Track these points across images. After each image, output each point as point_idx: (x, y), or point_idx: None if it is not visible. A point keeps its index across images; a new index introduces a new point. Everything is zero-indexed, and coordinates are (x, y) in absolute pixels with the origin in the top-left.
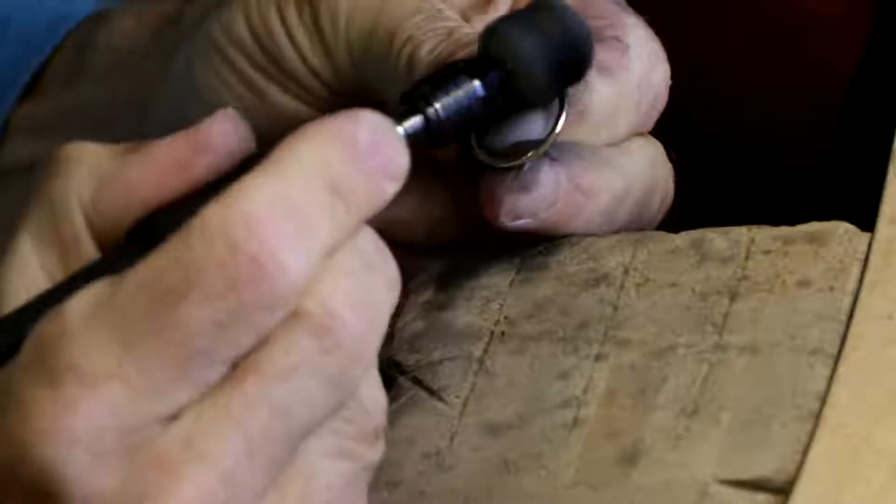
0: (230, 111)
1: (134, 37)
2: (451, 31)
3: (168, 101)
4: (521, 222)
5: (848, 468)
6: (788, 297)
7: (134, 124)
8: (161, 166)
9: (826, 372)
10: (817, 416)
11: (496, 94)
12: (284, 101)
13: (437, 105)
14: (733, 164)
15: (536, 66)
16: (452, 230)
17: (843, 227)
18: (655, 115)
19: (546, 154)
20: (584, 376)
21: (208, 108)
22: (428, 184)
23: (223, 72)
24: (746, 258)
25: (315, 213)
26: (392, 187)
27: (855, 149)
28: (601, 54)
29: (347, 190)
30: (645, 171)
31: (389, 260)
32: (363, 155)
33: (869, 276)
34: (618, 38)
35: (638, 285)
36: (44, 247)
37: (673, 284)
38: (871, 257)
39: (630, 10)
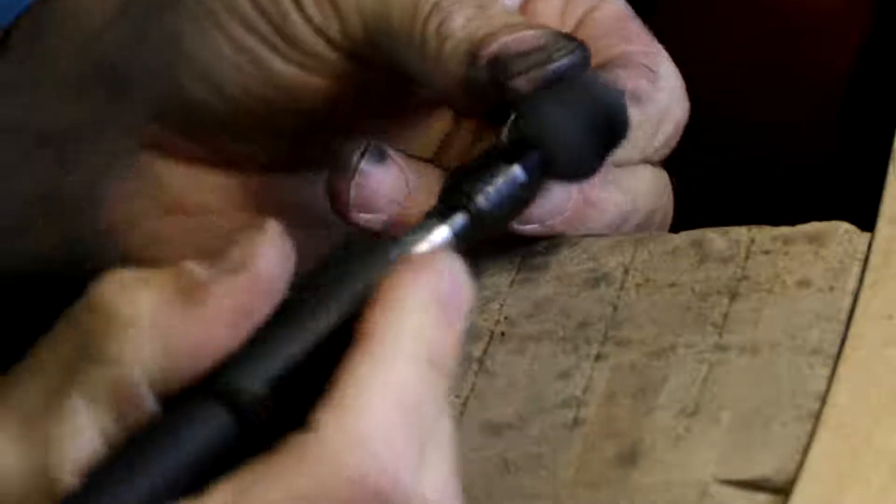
0: (274, 232)
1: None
2: (482, 5)
3: (149, 68)
4: (528, 227)
5: (848, 468)
6: (788, 297)
7: (108, 88)
8: (226, 319)
9: (826, 372)
10: (817, 416)
11: (537, 177)
12: (287, 70)
13: (481, 198)
14: (733, 164)
15: (576, 146)
16: None
17: (843, 227)
18: (667, 151)
19: None
20: (584, 376)
21: (200, 78)
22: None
23: (219, 41)
24: (746, 258)
25: (428, 408)
26: (463, 325)
27: (855, 149)
28: (633, 80)
29: (441, 357)
30: (649, 196)
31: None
32: (449, 313)
33: (869, 276)
34: (649, 67)
35: (638, 285)
36: (101, 409)
37: (673, 284)
38: (871, 257)
39: (656, 41)
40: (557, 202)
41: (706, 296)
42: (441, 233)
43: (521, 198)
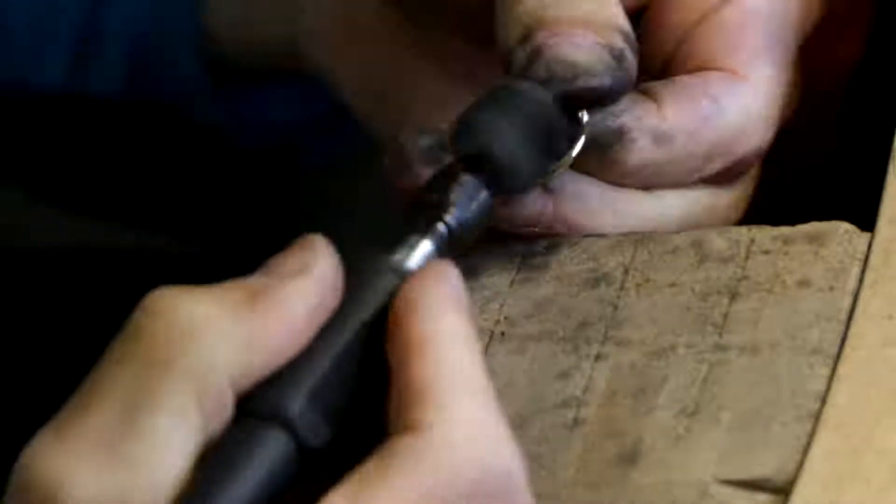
0: (324, 241)
1: None
2: None
3: None
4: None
5: (848, 468)
6: (788, 297)
7: None
8: (296, 323)
9: (826, 372)
10: (817, 416)
11: (494, 187)
12: None
13: (452, 211)
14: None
15: (513, 158)
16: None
17: (843, 227)
18: (736, 174)
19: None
20: (584, 376)
21: None
22: None
23: None
24: (746, 258)
25: (489, 386)
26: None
27: (855, 149)
28: (677, 116)
29: (475, 342)
30: (663, 220)
31: None
32: (466, 309)
33: (869, 276)
34: (714, 98)
35: (638, 285)
36: (187, 422)
37: (673, 284)
38: (871, 257)
39: (777, 52)
40: (528, 214)
41: (706, 296)
42: (425, 247)
43: (487, 206)
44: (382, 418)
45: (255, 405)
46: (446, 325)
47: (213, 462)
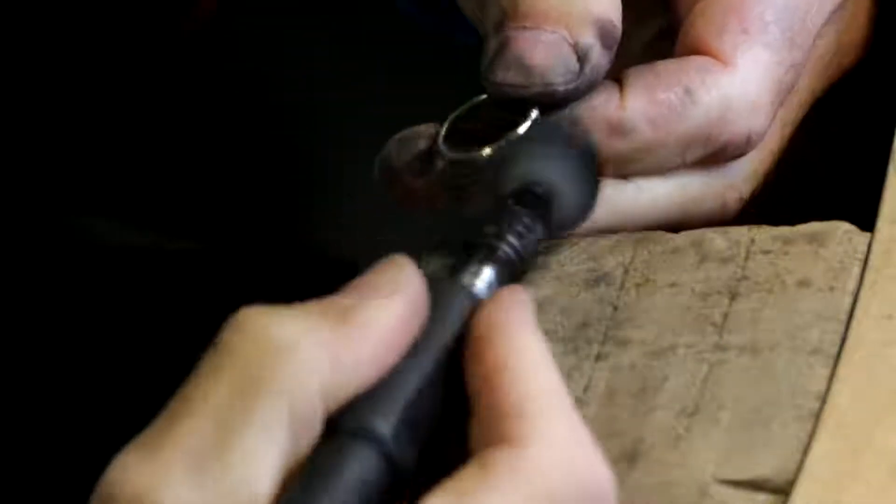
0: (411, 263)
1: None
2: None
3: None
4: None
5: (848, 468)
6: (788, 297)
7: None
8: (387, 341)
9: (826, 372)
10: (817, 416)
11: (548, 220)
12: None
13: (508, 247)
14: None
15: (575, 190)
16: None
17: (843, 227)
18: (728, 156)
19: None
20: (585, 376)
21: None
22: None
23: None
24: (746, 258)
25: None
26: None
27: (855, 149)
28: (641, 107)
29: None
30: (636, 209)
31: None
32: (533, 324)
33: (869, 276)
34: (688, 91)
35: (638, 285)
36: (278, 440)
37: (673, 284)
38: (871, 257)
39: (769, 37)
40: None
41: (706, 296)
42: (487, 274)
43: (538, 238)
44: (457, 440)
45: (347, 423)
46: (530, 346)
47: (305, 476)
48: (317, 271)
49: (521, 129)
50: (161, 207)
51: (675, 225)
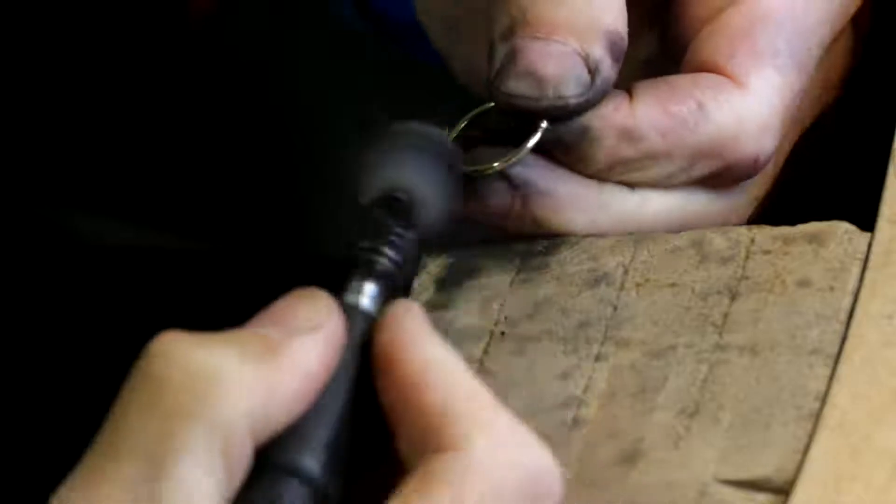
0: (326, 296)
1: None
2: (513, 24)
3: None
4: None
5: (848, 468)
6: (788, 297)
7: None
8: (313, 376)
9: (826, 372)
10: (817, 416)
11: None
12: None
13: (385, 255)
14: None
15: (432, 193)
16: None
17: (843, 227)
18: (735, 179)
19: (507, 176)
20: (584, 376)
21: None
22: None
23: None
24: (746, 258)
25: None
26: None
27: (855, 149)
28: (652, 117)
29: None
30: (640, 219)
31: None
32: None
33: (869, 276)
34: (700, 105)
35: (638, 285)
36: (212, 470)
37: (673, 284)
38: (871, 257)
39: (780, 60)
40: (494, 208)
41: (706, 296)
42: (370, 289)
43: (413, 242)
44: (380, 457)
45: (278, 458)
46: (438, 353)
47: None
48: (316, 271)
49: (531, 143)
50: (159, 206)
51: None
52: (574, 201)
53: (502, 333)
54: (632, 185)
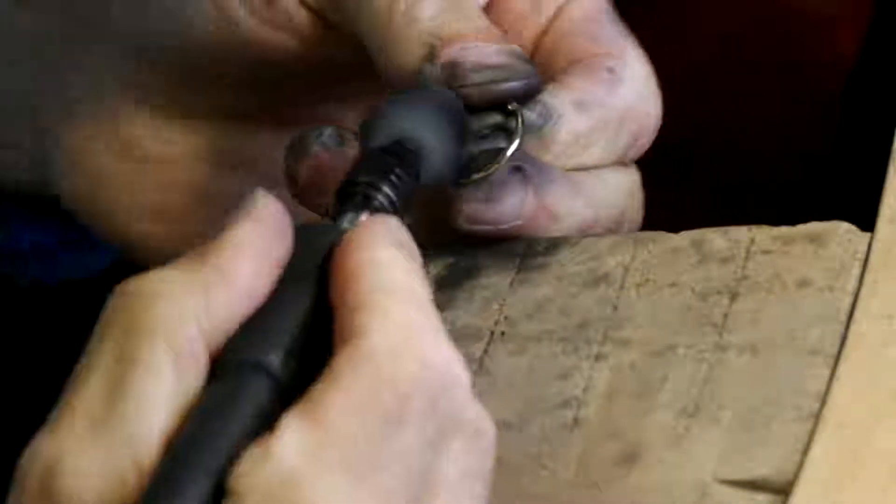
0: (261, 190)
1: None
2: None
3: (121, 24)
4: (479, 227)
5: (848, 468)
6: (788, 297)
7: (82, 47)
8: (248, 261)
9: (826, 372)
10: (817, 416)
11: (417, 172)
12: (253, 23)
13: (381, 194)
14: (733, 164)
15: (441, 146)
16: (452, 230)
17: (843, 227)
18: (639, 149)
19: (519, 168)
20: (584, 376)
21: (168, 19)
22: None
23: None
24: (746, 258)
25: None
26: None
27: (855, 149)
28: (585, 86)
29: (417, 267)
30: (616, 200)
31: None
32: (406, 246)
33: (869, 276)
34: (611, 70)
35: (638, 285)
36: (165, 381)
37: (673, 284)
38: (871, 257)
39: (632, 39)
40: (511, 207)
41: (706, 296)
42: (364, 219)
43: (411, 190)
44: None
45: (236, 356)
46: (383, 254)
47: (201, 412)
48: None
49: (520, 126)
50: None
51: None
52: (576, 190)
53: (502, 333)
54: (585, 168)
